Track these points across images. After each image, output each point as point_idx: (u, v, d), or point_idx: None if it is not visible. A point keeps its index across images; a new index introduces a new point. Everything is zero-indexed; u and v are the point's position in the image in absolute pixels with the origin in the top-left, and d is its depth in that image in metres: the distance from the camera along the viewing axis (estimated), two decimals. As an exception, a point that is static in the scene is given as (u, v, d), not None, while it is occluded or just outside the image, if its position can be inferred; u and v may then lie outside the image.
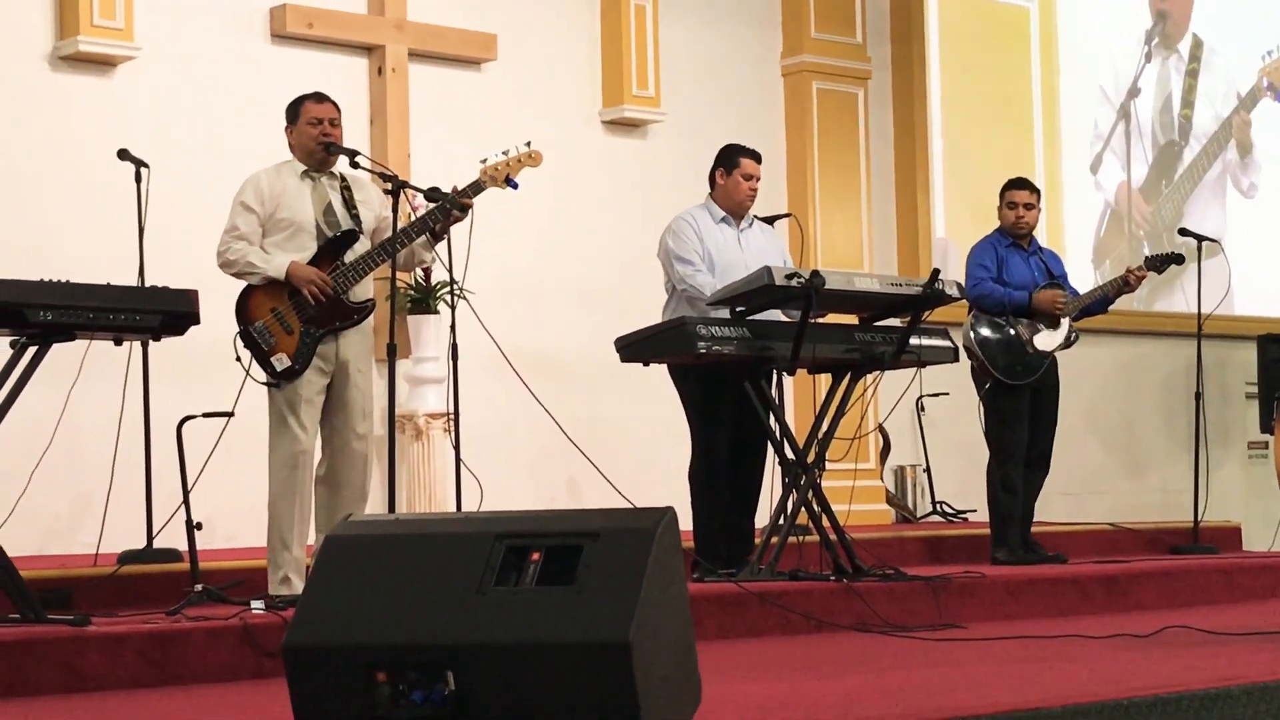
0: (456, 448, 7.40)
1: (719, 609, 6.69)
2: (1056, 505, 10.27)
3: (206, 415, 6.96)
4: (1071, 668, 5.37)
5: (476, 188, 6.83)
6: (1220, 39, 13.54)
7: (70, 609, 6.07)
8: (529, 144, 7.01)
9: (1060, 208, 12.41)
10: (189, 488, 6.82)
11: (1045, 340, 8.61)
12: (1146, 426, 12.89)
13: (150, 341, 6.87)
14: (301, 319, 6.54)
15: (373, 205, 6.89)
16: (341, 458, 6.70)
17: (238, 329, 6.56)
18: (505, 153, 6.92)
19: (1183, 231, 10.18)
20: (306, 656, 3.95)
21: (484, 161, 6.91)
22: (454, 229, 6.85)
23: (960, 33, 12.17)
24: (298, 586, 6.43)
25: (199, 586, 6.48)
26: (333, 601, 4.01)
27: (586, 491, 8.92)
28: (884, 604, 7.10)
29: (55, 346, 6.17)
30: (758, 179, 7.93)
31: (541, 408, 7.69)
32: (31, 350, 6.09)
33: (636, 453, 9.26)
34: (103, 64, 8.86)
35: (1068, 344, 8.68)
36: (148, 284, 6.98)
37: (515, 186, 6.95)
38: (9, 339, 6.14)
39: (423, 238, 6.79)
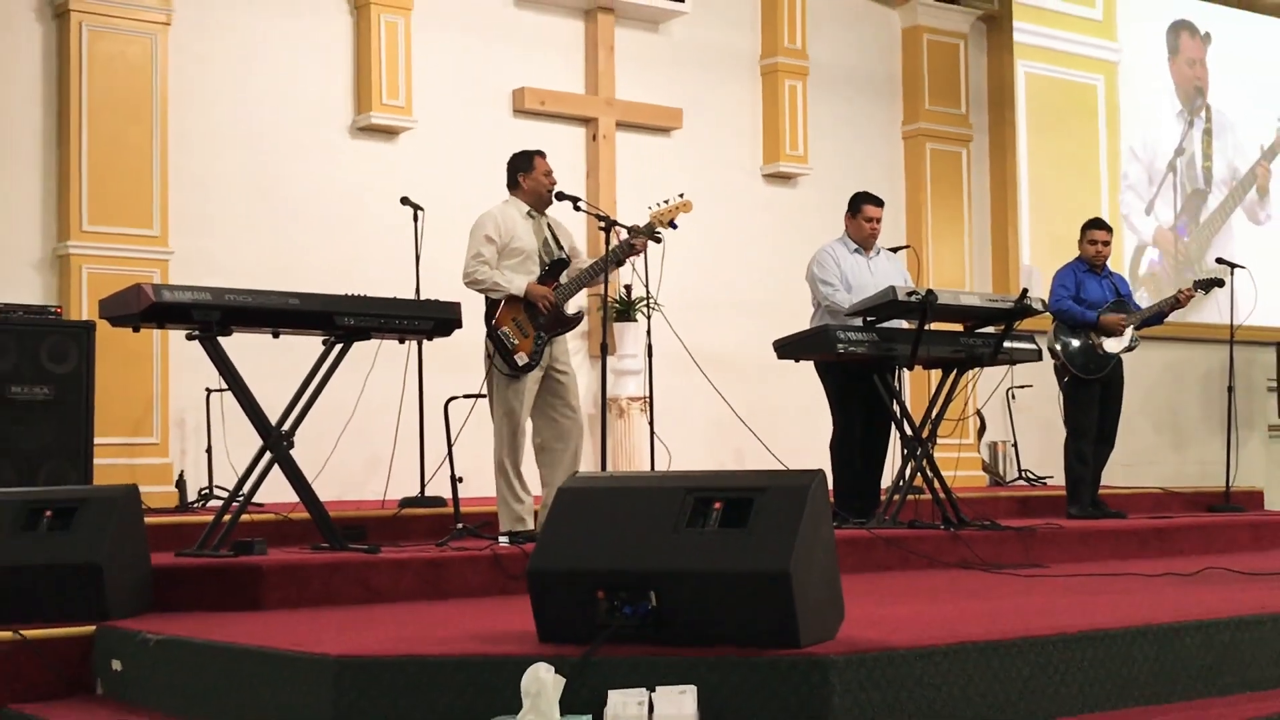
0: (651, 423, 7.45)
1: (854, 550, 6.66)
2: (1117, 473, 10.08)
3: (465, 396, 7.06)
4: (1131, 599, 5.28)
5: (649, 229, 6.67)
6: (1228, 104, 13.17)
7: (364, 541, 6.19)
8: (682, 195, 6.89)
9: (1120, 240, 12.18)
10: (452, 450, 6.93)
11: (1112, 345, 8.46)
12: (1188, 412, 12.64)
13: (424, 340, 6.98)
14: (535, 326, 6.56)
15: (567, 240, 6.87)
16: (552, 430, 6.66)
17: (487, 333, 6.60)
18: (666, 201, 6.82)
19: (1219, 260, 9.95)
20: (545, 579, 3.98)
21: (650, 209, 6.82)
22: (650, 257, 6.79)
23: (1042, 104, 12.00)
24: (529, 525, 6.49)
25: (460, 525, 6.59)
26: (564, 537, 4.04)
27: (749, 458, 8.93)
28: (982, 548, 7.03)
29: (355, 344, 6.29)
30: (878, 220, 7.86)
31: (717, 393, 7.71)
32: (338, 347, 6.24)
33: (788, 429, 9.24)
34: (388, 133, 9.03)
35: (1130, 348, 8.53)
36: (423, 298, 7.11)
37: (675, 227, 6.79)
38: (321, 339, 6.28)
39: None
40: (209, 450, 7.78)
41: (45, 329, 7.11)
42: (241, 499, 6.07)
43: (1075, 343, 8.47)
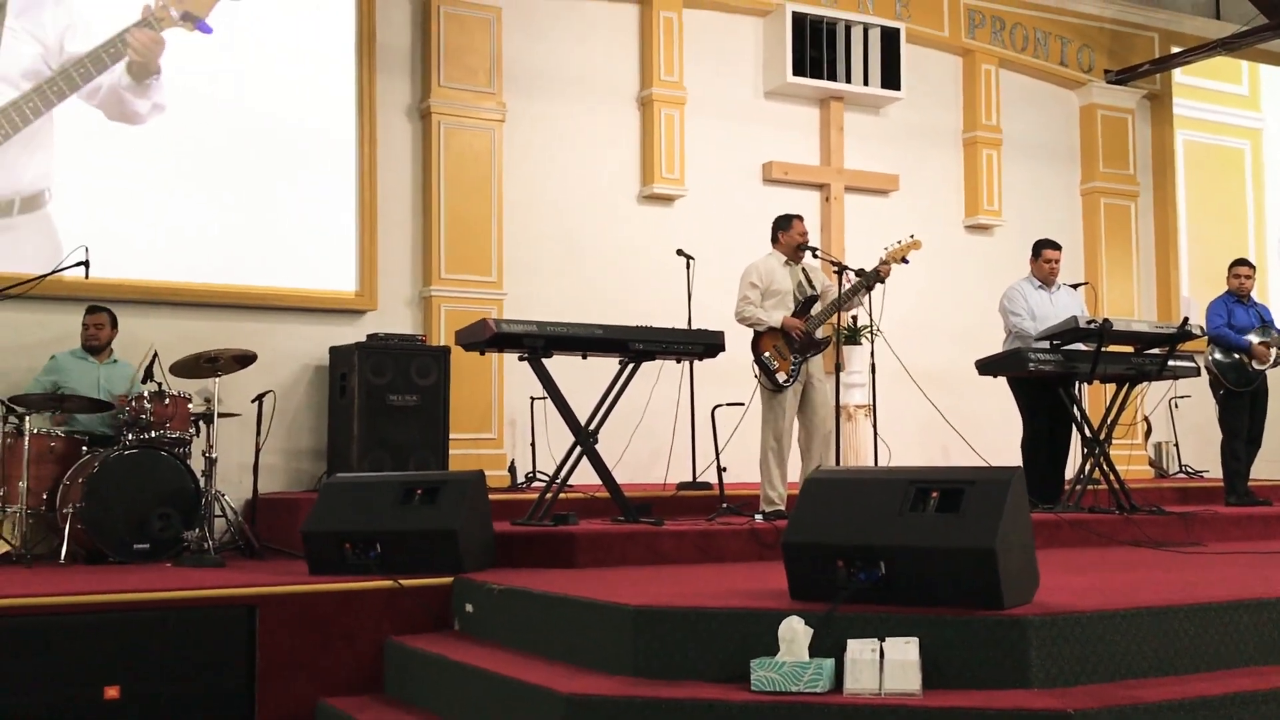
0: (874, 425, 7.36)
1: (1043, 530, 6.43)
2: (1264, 469, 9.48)
3: (729, 404, 7.10)
4: (1277, 572, 4.99)
5: (885, 264, 6.65)
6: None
7: (651, 515, 6.25)
8: (912, 235, 6.87)
9: (1266, 276, 11.52)
10: (718, 446, 6.96)
11: (1260, 363, 8.04)
12: (1327, 418, 11.85)
13: (696, 360, 7.03)
14: (790, 350, 6.53)
15: (820, 280, 6.83)
16: (808, 433, 6.61)
17: (754, 358, 6.55)
18: (899, 241, 6.79)
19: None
20: (797, 549, 3.98)
21: (886, 249, 6.79)
22: (873, 293, 6.75)
23: (1198, 165, 11.42)
24: (780, 507, 6.45)
25: (725, 504, 6.59)
26: (812, 516, 4.03)
27: (952, 453, 8.73)
28: (1151, 529, 6.72)
29: (643, 363, 6.39)
30: (1057, 260, 7.61)
31: (929, 402, 7.58)
32: (630, 366, 6.33)
33: (986, 431, 8.95)
34: (666, 200, 9.12)
35: (1274, 365, 8.08)
36: (694, 327, 7.18)
37: (907, 263, 6.76)
38: (618, 360, 6.36)
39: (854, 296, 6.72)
40: (533, 444, 7.93)
41: (414, 352, 7.43)
42: (559, 482, 6.21)
43: (1227, 360, 8.07)
